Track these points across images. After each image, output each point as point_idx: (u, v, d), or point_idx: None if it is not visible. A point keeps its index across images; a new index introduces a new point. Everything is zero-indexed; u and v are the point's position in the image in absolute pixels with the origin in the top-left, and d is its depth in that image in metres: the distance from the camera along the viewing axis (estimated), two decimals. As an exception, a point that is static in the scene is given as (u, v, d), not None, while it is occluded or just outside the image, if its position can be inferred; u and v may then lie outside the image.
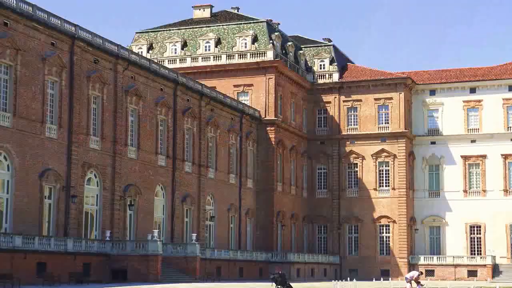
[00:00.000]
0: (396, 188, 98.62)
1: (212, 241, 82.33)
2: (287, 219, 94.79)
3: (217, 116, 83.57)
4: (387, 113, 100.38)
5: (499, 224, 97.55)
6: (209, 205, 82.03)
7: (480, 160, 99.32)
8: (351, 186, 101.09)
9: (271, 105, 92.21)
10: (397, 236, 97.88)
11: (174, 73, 77.53)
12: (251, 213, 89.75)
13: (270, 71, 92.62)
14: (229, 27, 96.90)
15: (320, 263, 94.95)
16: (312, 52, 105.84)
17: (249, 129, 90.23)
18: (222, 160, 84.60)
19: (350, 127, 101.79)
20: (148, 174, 71.44)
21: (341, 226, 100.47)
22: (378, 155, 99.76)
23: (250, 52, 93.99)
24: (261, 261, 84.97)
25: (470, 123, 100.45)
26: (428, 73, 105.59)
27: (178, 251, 67.58)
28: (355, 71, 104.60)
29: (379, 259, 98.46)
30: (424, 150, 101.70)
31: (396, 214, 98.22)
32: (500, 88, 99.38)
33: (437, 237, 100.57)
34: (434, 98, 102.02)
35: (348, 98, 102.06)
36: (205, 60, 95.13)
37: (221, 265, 76.57)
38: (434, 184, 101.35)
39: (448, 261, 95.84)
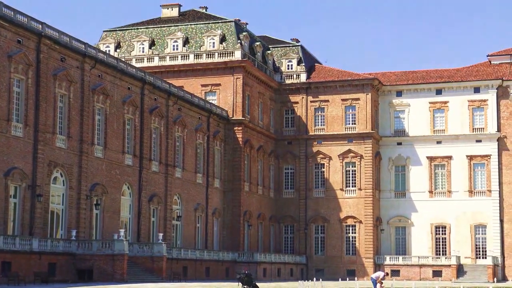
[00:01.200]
0: (362, 189, 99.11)
1: (179, 241, 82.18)
2: (254, 219, 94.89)
3: (184, 116, 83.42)
4: (354, 114, 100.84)
5: (464, 224, 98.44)
6: (176, 204, 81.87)
7: (445, 161, 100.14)
8: (318, 186, 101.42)
9: (238, 105, 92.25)
10: (363, 236, 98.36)
11: (142, 72, 77.29)
12: (218, 213, 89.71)
13: (238, 71, 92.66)
14: (197, 27, 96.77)
15: (287, 263, 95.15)
16: (280, 53, 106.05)
17: (217, 129, 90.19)
18: (189, 160, 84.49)
19: (317, 127, 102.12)
20: (115, 173, 71.13)
21: (308, 226, 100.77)
22: (345, 155, 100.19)
23: (218, 52, 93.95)
24: (228, 261, 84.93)
25: (436, 124, 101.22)
26: (395, 74, 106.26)
27: (145, 250, 67.36)
28: (322, 72, 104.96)
29: (345, 259, 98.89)
30: (390, 150, 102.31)
31: (362, 214, 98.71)
32: (466, 90, 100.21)
33: (403, 237, 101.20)
34: (400, 99, 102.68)
35: (316, 99, 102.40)
36: (173, 59, 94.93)
37: (187, 265, 76.40)
38: (400, 185, 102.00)
39: (414, 261, 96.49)
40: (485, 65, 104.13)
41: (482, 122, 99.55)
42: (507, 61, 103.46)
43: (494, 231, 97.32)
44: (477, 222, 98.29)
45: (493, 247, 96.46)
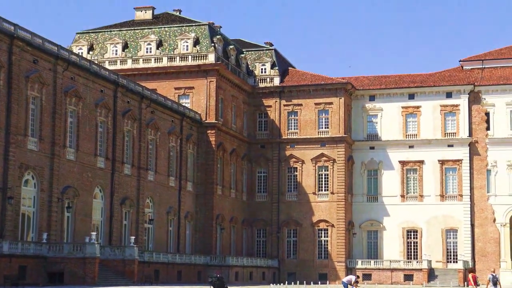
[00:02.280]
0: (335, 193, 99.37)
1: (151, 244, 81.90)
2: (226, 222, 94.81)
3: (157, 119, 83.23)
4: (327, 118, 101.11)
5: (435, 228, 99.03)
6: (148, 208, 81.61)
7: (417, 165, 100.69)
8: (291, 190, 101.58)
9: (212, 108, 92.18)
10: (335, 240, 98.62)
11: (115, 74, 77.01)
12: (190, 216, 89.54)
13: (212, 74, 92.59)
14: (171, 29, 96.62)
15: (259, 266, 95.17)
16: (253, 56, 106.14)
17: (190, 132, 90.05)
18: (162, 163, 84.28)
19: (291, 131, 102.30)
20: (87, 176, 70.79)
21: (280, 230, 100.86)
22: (318, 159, 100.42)
23: (191, 55, 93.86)
24: (200, 264, 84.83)
25: (408, 129, 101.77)
26: (368, 79, 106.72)
27: (116, 254, 67.14)
28: (296, 76, 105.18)
29: (317, 262, 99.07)
30: (363, 155, 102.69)
31: (334, 218, 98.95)
32: (438, 95, 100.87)
33: (375, 241, 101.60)
34: (373, 104, 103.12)
35: (289, 102, 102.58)
36: (146, 62, 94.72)
37: (159, 268, 76.20)
38: (373, 189, 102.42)
39: (385, 265, 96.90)
40: (457, 70, 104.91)
41: (454, 127, 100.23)
42: (479, 67, 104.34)
43: (465, 236, 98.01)
44: (449, 227, 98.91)
45: (464, 251, 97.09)
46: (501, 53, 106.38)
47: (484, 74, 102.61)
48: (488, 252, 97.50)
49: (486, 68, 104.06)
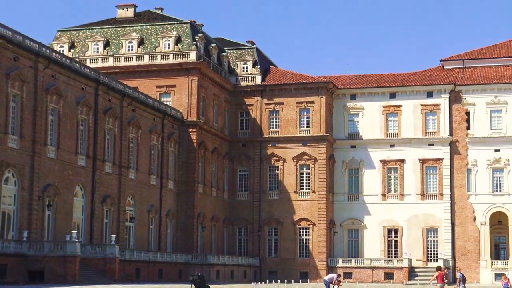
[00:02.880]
0: (316, 191, 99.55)
1: (132, 243, 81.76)
2: (207, 221, 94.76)
3: (139, 117, 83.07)
4: (308, 117, 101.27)
5: (416, 227, 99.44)
6: (129, 206, 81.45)
7: (398, 164, 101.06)
8: (272, 189, 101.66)
9: (193, 107, 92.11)
10: (317, 238, 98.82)
11: (96, 72, 76.78)
12: (171, 215, 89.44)
13: (193, 73, 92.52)
14: (153, 28, 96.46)
15: (240, 265, 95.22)
16: (235, 55, 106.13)
17: (171, 130, 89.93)
18: (143, 161, 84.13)
19: (272, 129, 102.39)
20: (68, 174, 70.55)
21: (262, 228, 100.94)
22: (299, 158, 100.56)
23: (173, 53, 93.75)
24: (181, 262, 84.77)
25: (389, 128, 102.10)
26: (349, 78, 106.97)
27: (97, 252, 66.96)
28: (277, 74, 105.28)
29: (298, 261, 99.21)
30: (344, 154, 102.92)
31: (316, 216, 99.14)
32: (419, 94, 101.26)
33: (356, 240, 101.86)
34: (354, 103, 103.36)
35: (270, 101, 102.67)
36: (128, 60, 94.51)
37: (140, 267, 76.11)
38: (354, 188, 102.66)
39: (366, 263, 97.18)
40: (438, 70, 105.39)
41: (434, 126, 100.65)
42: (459, 66, 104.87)
43: (445, 234, 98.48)
44: (429, 225, 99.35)
45: (444, 250, 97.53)
46: (482, 53, 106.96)
47: (464, 73, 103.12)
48: (468, 251, 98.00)
49: (466, 67, 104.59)
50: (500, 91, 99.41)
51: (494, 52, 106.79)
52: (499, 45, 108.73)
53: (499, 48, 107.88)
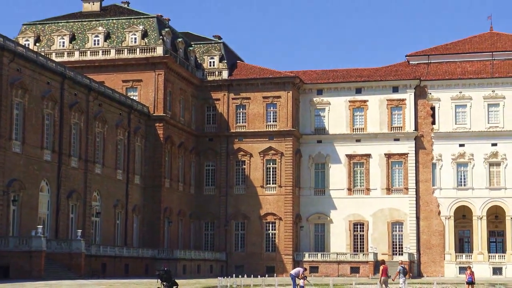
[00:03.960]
0: (282, 186, 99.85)
1: (98, 238, 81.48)
2: (174, 215, 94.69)
3: (105, 111, 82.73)
4: (275, 112, 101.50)
5: (381, 221, 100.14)
6: (95, 201, 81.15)
7: (364, 159, 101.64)
8: (239, 183, 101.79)
9: (160, 101, 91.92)
10: (283, 233, 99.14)
11: (62, 66, 76.33)
12: (138, 210, 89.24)
13: (160, 67, 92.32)
14: (119, 22, 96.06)
15: (207, 259, 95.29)
16: (202, 49, 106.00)
17: (138, 125, 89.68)
18: (109, 156, 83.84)
19: (239, 124, 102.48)
20: (33, 169, 70.10)
21: (228, 223, 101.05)
22: (266, 152, 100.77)
23: (139, 47, 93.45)
24: (147, 257, 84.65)
25: (355, 122, 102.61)
26: (315, 73, 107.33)
27: (63, 247, 66.71)
28: (244, 69, 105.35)
29: (265, 255, 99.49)
30: (310, 148, 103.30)
31: (282, 211, 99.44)
32: (385, 89, 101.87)
33: (322, 234, 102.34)
34: (321, 98, 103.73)
35: (237, 96, 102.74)
36: (94, 54, 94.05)
37: (106, 262, 75.90)
38: (320, 182, 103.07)
39: (332, 257, 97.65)
40: (404, 65, 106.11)
41: (400, 121, 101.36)
42: (424, 62, 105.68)
43: (410, 228, 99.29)
44: (394, 219, 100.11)
45: (409, 244, 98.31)
46: (447, 49, 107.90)
47: (430, 69, 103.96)
48: (433, 245, 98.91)
49: (432, 63, 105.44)
50: (464, 87, 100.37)
51: (459, 47, 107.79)
52: (463, 41, 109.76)
53: (464, 43, 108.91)
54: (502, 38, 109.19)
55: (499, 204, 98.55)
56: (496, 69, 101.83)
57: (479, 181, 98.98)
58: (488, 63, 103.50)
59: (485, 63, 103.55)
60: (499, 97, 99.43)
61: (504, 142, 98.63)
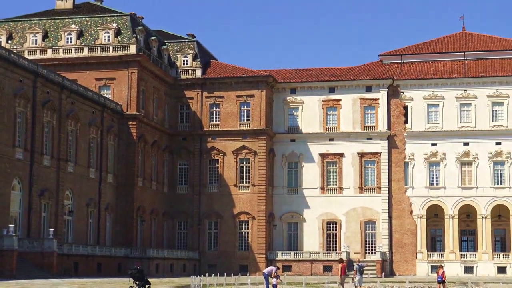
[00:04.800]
0: (256, 185, 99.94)
1: (70, 236, 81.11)
2: (147, 214, 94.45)
3: (78, 110, 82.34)
4: (248, 110, 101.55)
5: (354, 220, 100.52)
6: (67, 199, 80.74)
7: (337, 158, 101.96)
8: (212, 182, 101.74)
9: (133, 100, 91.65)
10: (256, 232, 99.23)
11: (34, 64, 75.86)
12: (110, 208, 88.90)
13: (133, 65, 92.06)
14: (92, 20, 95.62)
15: (180, 258, 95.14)
16: (175, 48, 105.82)
17: (111, 123, 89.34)
18: (82, 154, 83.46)
19: (212, 123, 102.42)
20: (5, 167, 69.61)
21: (201, 222, 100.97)
22: (239, 151, 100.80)
23: (113, 46, 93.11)
24: (120, 256, 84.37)
25: (328, 122, 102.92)
26: (289, 72, 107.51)
27: (35, 246, 66.34)
28: (218, 68, 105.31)
29: (238, 254, 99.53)
30: (284, 147, 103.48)
31: (255, 210, 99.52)
32: (358, 89, 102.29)
33: (295, 233, 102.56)
34: (294, 97, 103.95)
35: (211, 95, 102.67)
36: (67, 52, 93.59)
37: (79, 261, 75.56)
38: (293, 181, 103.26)
39: (305, 256, 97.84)
40: (377, 65, 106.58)
41: (373, 121, 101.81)
42: (397, 61, 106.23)
43: (383, 227, 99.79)
44: (367, 218, 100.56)
45: (382, 242, 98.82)
46: (419, 48, 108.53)
47: (402, 68, 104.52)
48: (405, 244, 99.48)
49: (404, 62, 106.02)
50: (437, 86, 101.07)
51: (432, 47, 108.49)
52: (436, 41, 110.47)
53: (436, 43, 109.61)
54: (474, 38, 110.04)
55: (471, 203, 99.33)
56: (468, 69, 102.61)
57: (451, 180, 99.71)
58: (460, 63, 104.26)
59: (457, 63, 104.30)
60: (471, 97, 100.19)
61: (475, 142, 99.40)
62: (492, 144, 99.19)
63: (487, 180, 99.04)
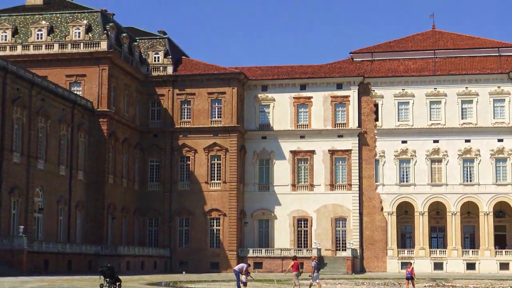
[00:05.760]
0: (227, 182, 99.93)
1: (40, 234, 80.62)
2: (118, 211, 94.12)
3: (48, 106, 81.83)
4: (220, 108, 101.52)
5: (325, 217, 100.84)
6: (37, 197, 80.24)
7: (308, 155, 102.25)
8: (183, 179, 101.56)
9: (104, 97, 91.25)
10: (227, 229, 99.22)
11: (4, 60, 75.24)
12: (81, 205, 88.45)
13: (104, 62, 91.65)
14: (63, 16, 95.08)
15: (151, 256, 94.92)
16: (146, 44, 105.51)
17: (81, 120, 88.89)
18: (53, 151, 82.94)
19: (183, 120, 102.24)
20: (-26, 164, 69.09)
21: (172, 219, 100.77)
22: (210, 148, 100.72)
23: (83, 42, 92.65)
24: (91, 254, 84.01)
25: (300, 119, 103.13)
26: (260, 69, 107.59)
27: (4, 244, 65.97)
28: (189, 65, 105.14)
29: (209, 251, 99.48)
30: (255, 144, 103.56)
31: (226, 207, 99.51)
32: (329, 86, 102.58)
33: (266, 230, 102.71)
34: (265, 94, 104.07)
35: (182, 92, 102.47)
36: (37, 49, 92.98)
37: (49, 258, 75.14)
38: (264, 178, 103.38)
39: (276, 253, 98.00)
40: (348, 62, 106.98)
41: (344, 118, 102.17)
42: (368, 59, 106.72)
43: (353, 224, 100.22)
44: (338, 215, 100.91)
45: (352, 239, 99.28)
46: (390, 46, 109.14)
47: (373, 66, 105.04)
48: (376, 240, 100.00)
49: (375, 60, 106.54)
50: (407, 84, 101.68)
51: (402, 45, 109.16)
52: (406, 39, 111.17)
53: (407, 41, 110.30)
54: (444, 36, 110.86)
55: (441, 200, 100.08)
56: (438, 67, 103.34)
57: (421, 178, 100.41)
58: (430, 61, 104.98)
59: (427, 61, 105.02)
60: (441, 94, 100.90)
61: (445, 139, 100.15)
62: (461, 142, 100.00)
63: (456, 178, 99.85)
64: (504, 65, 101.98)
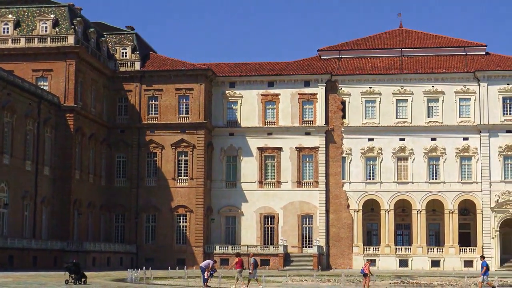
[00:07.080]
0: (194, 178, 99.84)
1: (5, 230, 80.00)
2: (84, 207, 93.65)
3: (14, 101, 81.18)
4: (187, 104, 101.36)
5: (292, 214, 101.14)
6: (3, 192, 79.59)
7: (275, 152, 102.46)
8: (150, 175, 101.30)
9: (70, 92, 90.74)
10: (194, 225, 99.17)
11: (-31, 54, 74.64)
12: (47, 201, 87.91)
13: (71, 57, 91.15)
14: (30, 10, 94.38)
15: (117, 252, 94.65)
16: (114, 40, 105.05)
17: (48, 115, 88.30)
18: (18, 146, 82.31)
19: (151, 116, 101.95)
20: None
21: (139, 215, 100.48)
22: (178, 145, 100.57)
23: (50, 37, 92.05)
24: (56, 250, 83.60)
25: (267, 116, 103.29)
26: (228, 66, 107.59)
27: (-31, 239, 65.39)
28: (157, 61, 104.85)
29: (175, 248, 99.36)
30: (222, 141, 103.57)
31: (193, 203, 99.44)
32: (297, 83, 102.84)
33: (233, 226, 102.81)
34: (233, 90, 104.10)
35: (149, 87, 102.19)
36: (3, 43, 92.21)
37: (14, 254, 74.66)
38: (231, 175, 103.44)
39: (242, 250, 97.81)
40: (315, 60, 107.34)
41: (311, 115, 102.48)
42: (336, 57, 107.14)
43: (320, 221, 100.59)
44: (304, 212, 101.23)
45: (319, 236, 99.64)
46: (357, 44, 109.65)
47: (341, 64, 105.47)
48: (342, 237, 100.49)
49: (343, 58, 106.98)
50: (374, 82, 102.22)
51: (370, 43, 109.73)
52: (374, 37, 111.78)
53: (374, 39, 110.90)
54: (411, 35, 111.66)
55: (406, 197, 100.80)
56: (405, 65, 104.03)
57: (387, 175, 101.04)
58: (397, 59, 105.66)
59: (394, 59, 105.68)
60: (407, 93, 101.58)
61: (411, 137, 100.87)
62: (427, 140, 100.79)
63: (422, 176, 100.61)
64: (470, 64, 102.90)
